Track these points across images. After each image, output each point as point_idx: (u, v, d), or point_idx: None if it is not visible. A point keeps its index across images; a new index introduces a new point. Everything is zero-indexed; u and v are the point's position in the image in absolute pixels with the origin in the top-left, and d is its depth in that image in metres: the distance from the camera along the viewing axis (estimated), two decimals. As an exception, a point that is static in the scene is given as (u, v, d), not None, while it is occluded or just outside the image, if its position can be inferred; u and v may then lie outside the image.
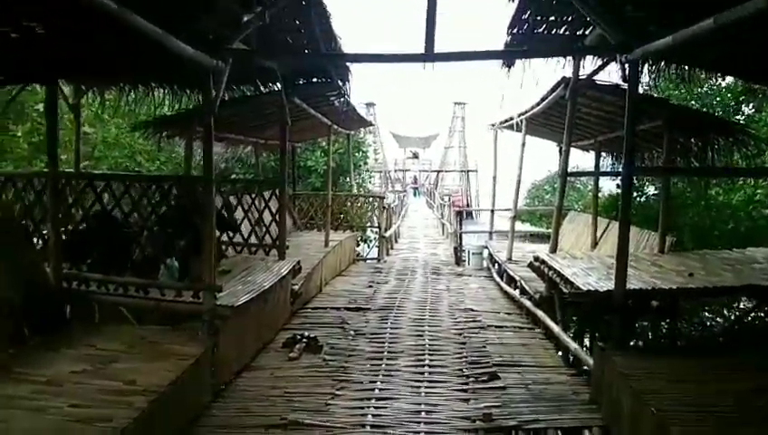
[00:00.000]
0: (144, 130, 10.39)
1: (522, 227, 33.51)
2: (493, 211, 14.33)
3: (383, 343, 7.36)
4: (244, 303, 6.06)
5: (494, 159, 13.78)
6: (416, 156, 60.98)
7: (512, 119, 11.55)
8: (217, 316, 5.63)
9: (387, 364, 6.57)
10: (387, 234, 14.96)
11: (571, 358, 6.82)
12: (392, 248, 17.18)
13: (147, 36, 4.45)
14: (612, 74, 7.53)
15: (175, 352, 5.13)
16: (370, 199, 15.58)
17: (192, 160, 10.00)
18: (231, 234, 8.39)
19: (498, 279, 11.36)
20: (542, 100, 9.46)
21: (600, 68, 7.35)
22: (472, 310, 9.15)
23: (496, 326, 8.23)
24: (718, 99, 11.39)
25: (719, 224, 10.54)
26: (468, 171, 57.48)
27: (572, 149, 12.95)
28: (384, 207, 14.75)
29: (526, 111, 10.35)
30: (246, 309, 6.15)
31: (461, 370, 6.37)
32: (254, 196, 8.81)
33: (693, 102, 11.09)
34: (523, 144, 10.94)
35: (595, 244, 10.57)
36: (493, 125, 13.50)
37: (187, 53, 5.05)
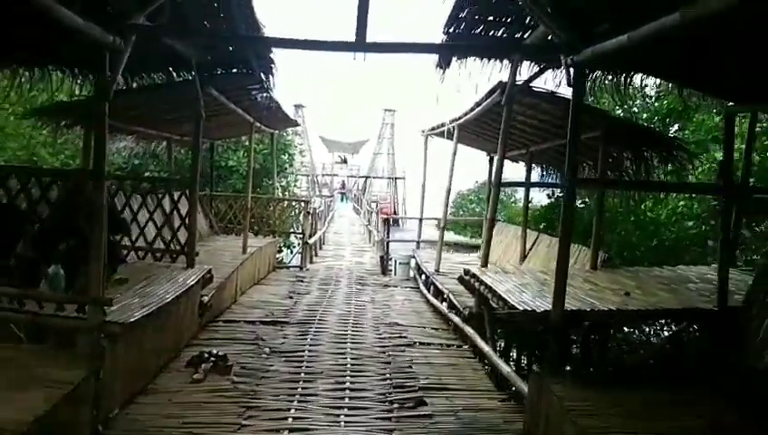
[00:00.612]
0: (38, 118, 9.26)
1: (446, 236, 34.02)
2: (421, 220, 13.92)
3: (301, 362, 6.69)
4: (140, 318, 5.24)
5: (423, 167, 13.38)
6: (344, 161, 60.37)
7: (443, 125, 11.17)
8: (105, 334, 4.81)
9: (303, 388, 5.92)
10: (311, 241, 14.27)
11: (500, 380, 6.39)
12: (316, 256, 16.47)
13: (29, 4, 3.68)
14: (548, 82, 7.26)
15: (49, 379, 4.27)
16: (294, 203, 14.84)
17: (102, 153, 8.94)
18: (132, 237, 7.48)
19: (425, 291, 10.91)
20: (477, 105, 9.08)
21: (538, 74, 7.02)
22: (398, 324, 8.63)
23: (422, 343, 7.74)
24: (646, 115, 11.45)
25: (644, 240, 10.53)
26: (396, 178, 57.50)
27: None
28: (309, 212, 14.04)
29: (459, 118, 9.97)
30: (142, 325, 5.34)
31: (385, 395, 5.80)
32: (160, 196, 7.90)
33: (622, 116, 11.07)
34: (455, 152, 10.57)
35: (524, 256, 10.31)
36: (423, 131, 13.11)
37: (76, 24, 4.25)
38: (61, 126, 9.28)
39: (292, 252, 16.66)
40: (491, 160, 13.33)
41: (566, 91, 6.37)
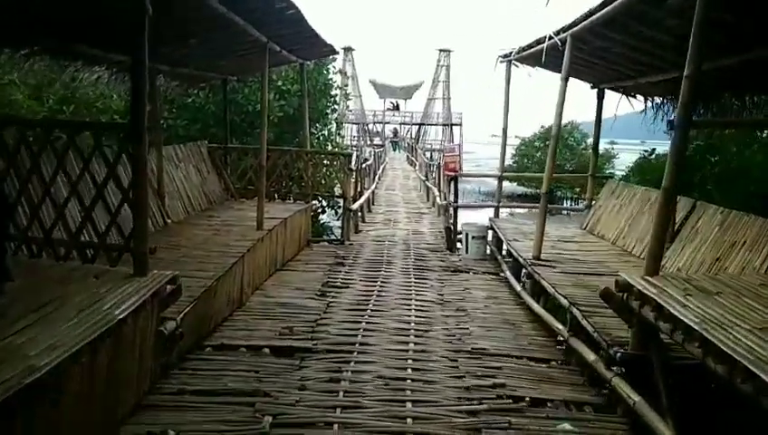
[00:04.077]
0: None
1: (510, 187, 30.16)
2: (501, 177, 10.45)
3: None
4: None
5: (504, 104, 9.86)
6: (396, 107, 56.58)
7: (538, 43, 7.61)
8: None
9: None
10: (354, 206, 11.06)
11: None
12: (363, 221, 13.29)
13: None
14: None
15: None
16: (331, 158, 11.62)
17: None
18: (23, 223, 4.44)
19: (514, 282, 7.61)
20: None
21: None
22: (485, 353, 5.42)
23: (536, 400, 4.51)
24: None
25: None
26: (452, 124, 53.48)
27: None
28: (351, 169, 10.79)
29: (576, 23, 6.41)
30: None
31: None
32: (86, 155, 4.62)
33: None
34: (566, 78, 7.00)
35: (672, 236, 6.79)
36: (505, 57, 9.54)
37: None
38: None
39: (336, 213, 13.54)
40: (600, 94, 9.70)
41: None
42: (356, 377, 4.78)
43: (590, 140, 33.96)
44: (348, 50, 52.77)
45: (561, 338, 5.59)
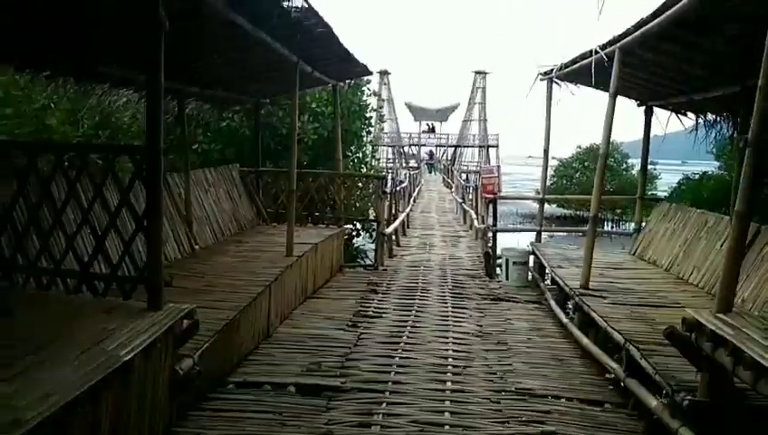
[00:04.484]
0: None
1: (549, 209, 29.29)
2: (543, 200, 9.93)
3: None
4: None
5: (546, 123, 9.39)
6: (432, 129, 56.42)
7: (587, 56, 7.16)
8: None
9: None
10: (388, 230, 10.67)
11: None
12: (398, 245, 12.88)
13: None
14: None
15: None
16: (365, 181, 11.28)
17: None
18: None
19: (560, 313, 7.08)
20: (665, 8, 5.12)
21: None
22: (531, 394, 4.91)
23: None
24: None
25: None
26: (489, 146, 52.98)
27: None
28: (385, 192, 10.42)
29: (627, 34, 5.95)
30: None
31: None
32: (98, 181, 4.30)
33: None
34: (614, 94, 6.51)
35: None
36: (546, 74, 9.10)
37: None
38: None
39: (371, 236, 13.16)
40: (648, 112, 9.15)
41: None
42: (388, 421, 4.34)
43: (631, 161, 32.84)
44: (384, 73, 53.04)
45: (614, 376, 5.04)
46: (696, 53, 5.90)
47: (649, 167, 32.50)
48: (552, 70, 8.71)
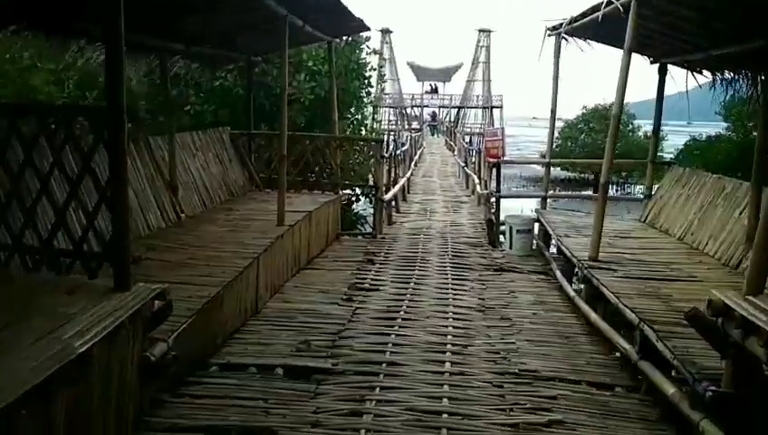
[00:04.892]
0: None
1: (553, 171, 28.68)
2: (549, 164, 9.45)
3: None
4: None
5: (553, 83, 8.87)
6: (435, 90, 55.37)
7: (599, 8, 6.61)
8: None
9: None
10: (386, 197, 10.23)
11: None
12: (398, 211, 12.47)
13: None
14: None
15: None
16: (361, 144, 10.79)
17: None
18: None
19: (566, 286, 6.70)
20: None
21: None
22: (536, 376, 4.56)
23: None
24: None
25: None
26: (492, 107, 52.05)
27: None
28: (383, 156, 9.93)
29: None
30: None
31: None
32: (57, 142, 3.84)
33: None
34: (630, 49, 5.98)
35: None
36: (554, 29, 8.54)
37: None
38: None
39: (371, 202, 12.70)
40: (662, 69, 8.60)
41: None
42: (381, 409, 4.00)
43: (638, 122, 31.99)
44: (385, 32, 51.75)
45: (624, 355, 4.68)
46: (722, 2, 5.36)
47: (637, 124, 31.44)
48: (562, 24, 8.14)
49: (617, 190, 33.55)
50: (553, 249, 8.89)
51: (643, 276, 5.69)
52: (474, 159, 17.34)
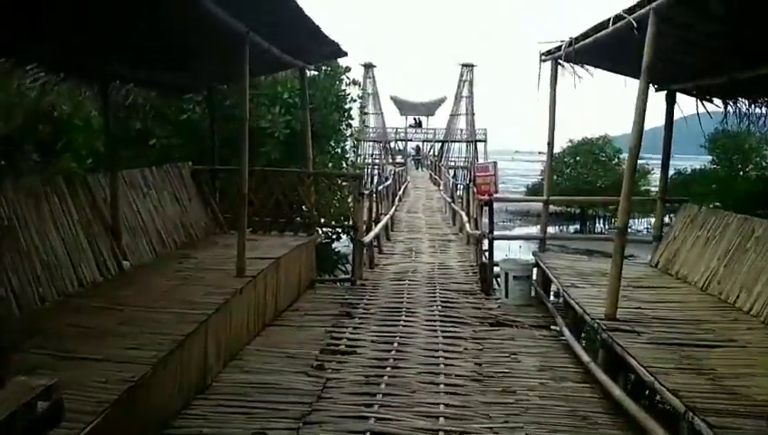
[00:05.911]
0: None
1: (537, 205, 27.95)
2: (547, 202, 8.52)
3: None
4: None
5: (549, 113, 8.01)
6: (419, 124, 54.94)
7: (606, 26, 5.79)
8: None
9: None
10: (367, 239, 9.21)
11: None
12: (381, 252, 11.45)
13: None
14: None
15: None
16: (339, 181, 9.84)
17: None
18: None
19: (578, 349, 5.66)
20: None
21: None
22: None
23: None
24: None
25: None
26: (476, 141, 51.60)
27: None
28: (362, 194, 8.95)
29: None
30: None
31: None
32: None
33: None
34: (648, 71, 5.10)
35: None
36: (549, 53, 7.74)
37: None
38: None
39: (352, 240, 11.67)
40: (670, 97, 7.80)
41: None
42: None
43: (624, 156, 31.52)
44: (368, 66, 51.48)
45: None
46: (758, 12, 4.53)
47: (640, 161, 31.35)
48: (558, 48, 7.32)
49: (605, 224, 32.85)
50: (552, 295, 7.94)
51: (674, 341, 4.71)
52: (460, 194, 16.43)
